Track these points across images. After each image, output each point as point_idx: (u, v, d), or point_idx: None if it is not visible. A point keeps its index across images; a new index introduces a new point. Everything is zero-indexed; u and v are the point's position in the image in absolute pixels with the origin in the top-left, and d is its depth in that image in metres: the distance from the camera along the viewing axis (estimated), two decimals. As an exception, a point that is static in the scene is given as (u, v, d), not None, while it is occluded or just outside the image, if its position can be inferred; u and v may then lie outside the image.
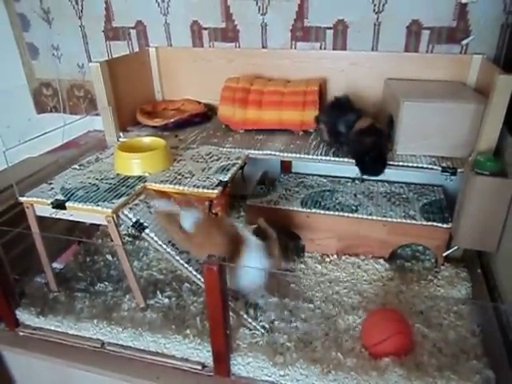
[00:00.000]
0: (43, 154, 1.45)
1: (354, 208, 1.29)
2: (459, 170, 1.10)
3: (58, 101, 1.80)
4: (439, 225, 1.20)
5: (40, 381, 1.20)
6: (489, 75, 1.10)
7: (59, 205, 1.03)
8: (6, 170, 1.08)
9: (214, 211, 1.30)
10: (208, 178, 1.11)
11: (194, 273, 1.03)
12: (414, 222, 1.22)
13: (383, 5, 1.30)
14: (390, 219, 1.24)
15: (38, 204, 1.06)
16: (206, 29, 1.50)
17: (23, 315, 1.13)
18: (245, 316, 1.04)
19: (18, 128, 1.78)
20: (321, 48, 1.42)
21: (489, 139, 1.07)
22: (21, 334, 1.13)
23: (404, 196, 1.37)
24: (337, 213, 1.27)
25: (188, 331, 1.03)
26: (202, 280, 1.01)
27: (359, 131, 1.16)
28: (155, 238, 1.03)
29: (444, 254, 1.23)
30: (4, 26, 1.71)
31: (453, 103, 1.11)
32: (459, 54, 1.31)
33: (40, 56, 1.75)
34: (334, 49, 1.40)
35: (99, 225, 1.44)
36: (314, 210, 1.28)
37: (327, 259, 1.29)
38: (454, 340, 1.01)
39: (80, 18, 1.60)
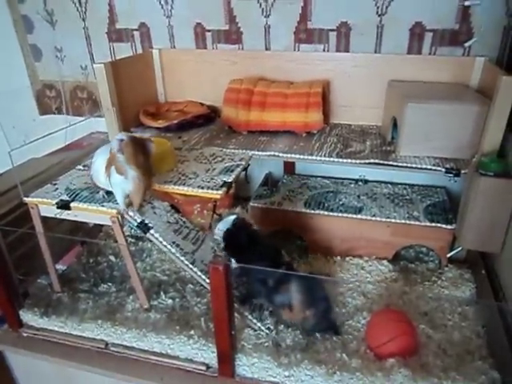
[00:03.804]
0: (47, 155, 1.45)
1: (357, 209, 1.29)
2: (463, 171, 1.10)
3: (62, 102, 1.80)
4: (443, 226, 1.20)
5: (43, 382, 1.20)
6: (491, 77, 1.11)
7: (64, 205, 1.03)
8: (11, 171, 1.09)
9: (217, 212, 1.30)
10: (212, 178, 1.11)
11: (199, 273, 1.03)
12: (417, 223, 1.22)
13: (386, 7, 1.31)
14: (393, 220, 1.24)
15: (43, 204, 1.06)
16: (209, 31, 1.50)
17: (27, 316, 1.13)
18: (249, 317, 1.04)
19: (22, 129, 1.78)
20: (324, 50, 1.42)
21: (493, 140, 1.07)
22: (24, 334, 1.13)
23: (407, 197, 1.37)
24: (340, 214, 1.27)
25: (192, 332, 1.03)
26: (207, 281, 1.01)
27: None
28: (160, 239, 1.03)
29: (448, 255, 1.23)
30: (8, 28, 1.71)
31: (456, 105, 1.12)
32: (462, 57, 1.31)
33: (43, 58, 1.75)
34: (337, 51, 1.41)
35: (102, 226, 1.45)
36: (317, 212, 1.28)
37: (331, 260, 1.29)
38: (459, 341, 1.01)
39: (84, 19, 1.61)
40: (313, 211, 1.29)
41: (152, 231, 1.03)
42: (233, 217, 1.06)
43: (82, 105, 1.79)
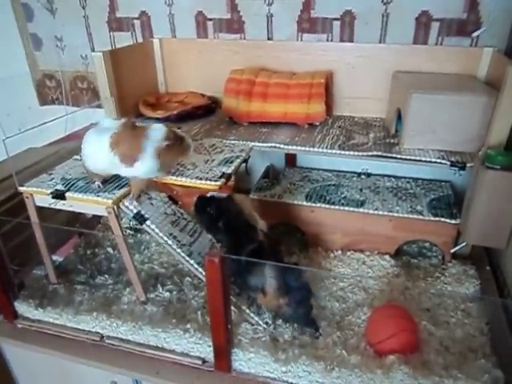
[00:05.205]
0: (45, 145, 1.44)
1: (359, 203, 1.27)
2: (468, 165, 1.07)
3: (61, 93, 1.78)
4: (447, 220, 1.17)
5: (38, 373, 1.19)
6: (500, 68, 1.07)
7: (59, 195, 1.01)
8: (7, 160, 1.07)
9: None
10: (211, 169, 1.08)
11: (196, 266, 1.01)
12: (420, 217, 1.20)
13: (392, -5, 1.27)
14: (396, 214, 1.21)
15: (38, 194, 1.04)
16: (210, 20, 1.47)
17: (22, 307, 1.12)
18: (247, 311, 1.02)
19: (19, 118, 1.76)
20: (327, 40, 1.39)
21: (500, 133, 1.03)
22: (19, 326, 1.11)
23: (411, 191, 1.34)
24: (342, 207, 1.24)
25: (189, 325, 1.01)
26: (204, 273, 0.99)
27: None
28: (156, 230, 1.01)
29: (452, 251, 1.20)
30: (8, 17, 1.69)
31: (463, 96, 1.08)
32: (469, 47, 1.28)
33: (43, 47, 1.73)
34: (341, 41, 1.37)
35: (100, 218, 1.43)
36: (318, 205, 1.26)
37: (331, 255, 1.27)
38: (462, 338, 0.98)
39: (84, 7, 1.58)
40: (314, 204, 1.26)
41: (148, 222, 1.00)
42: (223, 195, 1.03)
43: (81, 95, 1.77)
